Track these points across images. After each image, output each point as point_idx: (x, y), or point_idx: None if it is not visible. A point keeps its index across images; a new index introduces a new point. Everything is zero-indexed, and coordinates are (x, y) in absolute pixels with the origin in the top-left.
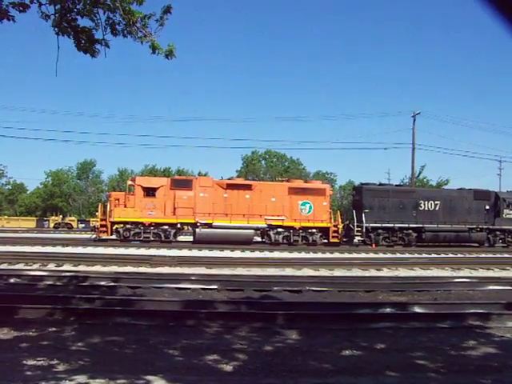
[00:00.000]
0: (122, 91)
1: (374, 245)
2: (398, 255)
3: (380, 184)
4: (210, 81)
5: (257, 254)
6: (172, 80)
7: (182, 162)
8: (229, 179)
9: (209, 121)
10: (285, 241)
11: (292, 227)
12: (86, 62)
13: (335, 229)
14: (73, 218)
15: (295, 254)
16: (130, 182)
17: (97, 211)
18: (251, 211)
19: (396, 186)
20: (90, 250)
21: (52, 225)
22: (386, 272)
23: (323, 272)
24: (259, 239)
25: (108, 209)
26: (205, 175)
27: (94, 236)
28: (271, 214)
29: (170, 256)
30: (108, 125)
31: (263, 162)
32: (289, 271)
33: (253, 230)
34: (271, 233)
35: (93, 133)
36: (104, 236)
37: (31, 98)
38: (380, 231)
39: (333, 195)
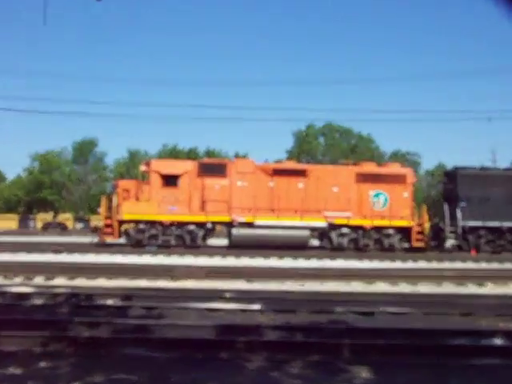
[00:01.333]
0: (132, 47)
1: (473, 251)
2: (507, 265)
3: (482, 168)
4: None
5: (314, 263)
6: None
7: (212, 140)
8: (276, 162)
9: (246, 85)
10: (351, 245)
11: (361, 227)
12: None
13: (419, 229)
14: (68, 215)
15: (365, 263)
16: (143, 168)
17: (99, 206)
18: (306, 205)
19: (505, 170)
20: (90, 258)
21: (40, 225)
22: (490, 288)
23: (403, 287)
24: (316, 243)
25: (114, 203)
26: (244, 157)
27: (96, 240)
28: (333, 208)
29: (197, 266)
30: (114, 90)
31: (322, 138)
32: (357, 286)
33: (308, 231)
34: (333, 234)
35: (94, 102)
36: (109, 240)
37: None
38: (482, 232)
39: (416, 183)
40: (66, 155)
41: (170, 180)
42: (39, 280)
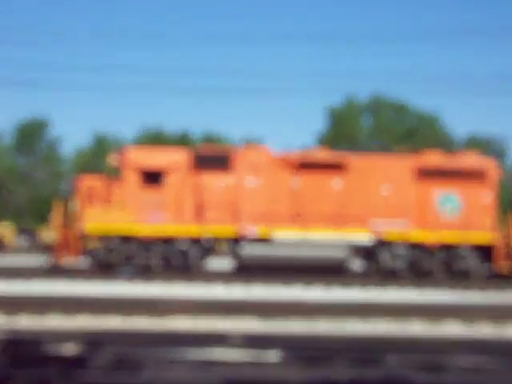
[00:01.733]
0: None
1: None
2: None
3: None
4: None
5: (355, 294)
6: None
7: (212, 120)
8: (302, 152)
9: (257, 43)
10: (408, 269)
11: (422, 243)
12: None
13: (506, 246)
14: (6, 224)
15: (428, 295)
16: (114, 160)
17: (52, 214)
18: (344, 212)
19: None
20: (39, 287)
21: None
22: None
23: (484, 329)
24: (359, 265)
25: (74, 209)
26: (256, 145)
27: (48, 261)
28: (382, 216)
29: (190, 298)
30: (73, 47)
31: (367, 118)
32: (416, 327)
33: (346, 248)
34: (382, 253)
35: (45, 65)
36: (66, 261)
37: None
38: None
39: (502, 181)
40: (4, 141)
41: (153, 177)
42: None
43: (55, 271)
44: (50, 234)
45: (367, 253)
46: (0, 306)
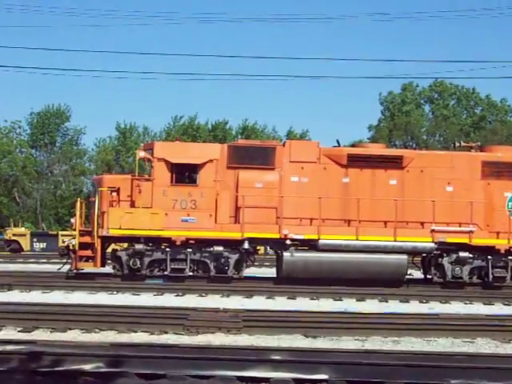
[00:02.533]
0: None
1: None
2: None
3: None
4: None
5: (414, 307)
6: None
7: (251, 110)
8: (353, 146)
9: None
10: (475, 278)
11: (491, 249)
12: None
13: None
14: (22, 229)
15: (498, 308)
16: (141, 154)
17: (72, 216)
18: (402, 214)
19: None
20: (57, 297)
21: None
22: None
23: None
24: (418, 274)
25: (96, 210)
26: (302, 138)
27: (67, 268)
28: (445, 219)
29: (227, 310)
30: (95, 32)
31: (427, 107)
32: (484, 345)
33: (405, 256)
34: (445, 261)
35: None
36: (87, 268)
37: None
38: None
39: None
40: (19, 134)
41: (185, 174)
42: None
43: (75, 279)
44: (69, 238)
45: (429, 261)
46: (15, 318)
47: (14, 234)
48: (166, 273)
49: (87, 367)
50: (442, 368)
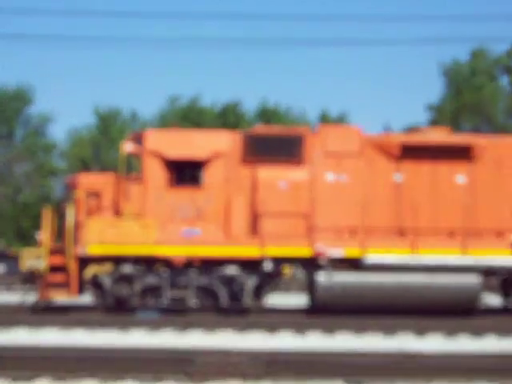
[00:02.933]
0: None
1: None
2: None
3: None
4: None
5: (489, 344)
6: None
7: (270, 87)
8: (407, 132)
9: None
10: None
11: None
12: None
13: None
14: None
15: None
16: (128, 147)
17: (38, 229)
18: (473, 221)
19: None
20: (21, 336)
21: None
22: None
23: None
24: (496, 301)
25: (70, 221)
26: (339, 123)
27: (34, 298)
28: None
29: (244, 352)
30: None
31: (504, 78)
32: None
33: (478, 276)
34: None
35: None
36: (60, 297)
37: None
38: None
39: None
40: None
41: (187, 172)
42: None
43: (44, 313)
44: (36, 257)
45: (509, 282)
46: None
47: None
48: (162, 303)
49: None
50: None
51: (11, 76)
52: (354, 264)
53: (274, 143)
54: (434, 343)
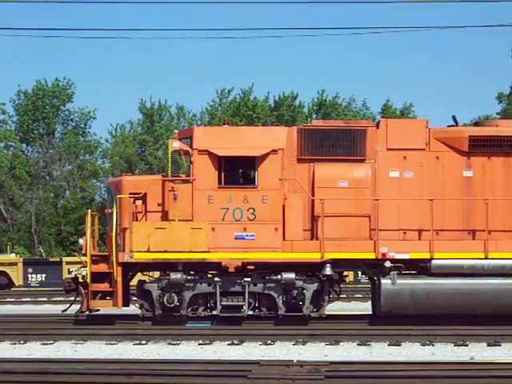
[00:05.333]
0: None
1: None
2: None
3: None
4: None
5: None
6: None
7: (328, 77)
8: (476, 125)
9: None
10: None
11: None
12: None
13: None
14: (11, 255)
15: None
16: (175, 145)
17: (80, 235)
18: None
19: None
20: (64, 350)
21: None
22: None
23: None
24: None
25: (114, 226)
26: (402, 116)
27: (77, 308)
28: None
29: (303, 362)
30: None
31: None
32: None
33: None
34: None
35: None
36: (104, 308)
37: None
38: None
39: None
40: (2, 122)
41: (239, 171)
42: None
43: (89, 324)
44: (76, 265)
45: None
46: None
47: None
48: (215, 312)
49: None
50: None
51: (52, 72)
52: (421, 268)
53: (333, 138)
54: (511, 353)
